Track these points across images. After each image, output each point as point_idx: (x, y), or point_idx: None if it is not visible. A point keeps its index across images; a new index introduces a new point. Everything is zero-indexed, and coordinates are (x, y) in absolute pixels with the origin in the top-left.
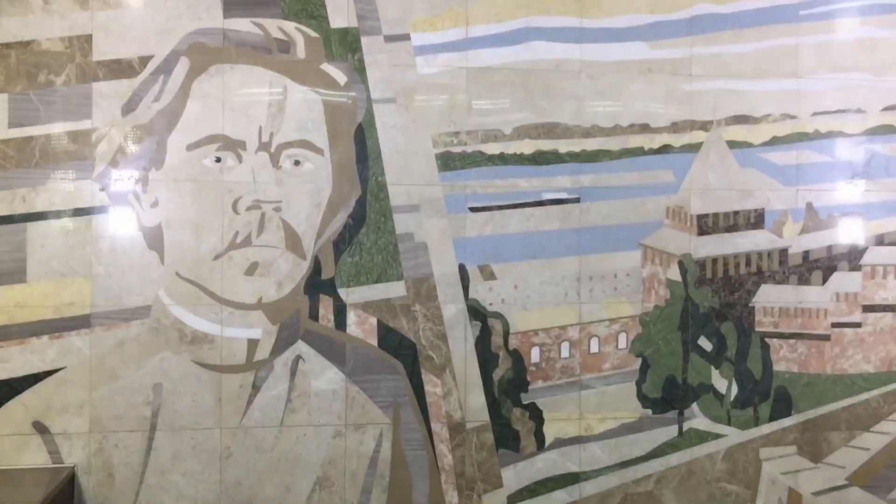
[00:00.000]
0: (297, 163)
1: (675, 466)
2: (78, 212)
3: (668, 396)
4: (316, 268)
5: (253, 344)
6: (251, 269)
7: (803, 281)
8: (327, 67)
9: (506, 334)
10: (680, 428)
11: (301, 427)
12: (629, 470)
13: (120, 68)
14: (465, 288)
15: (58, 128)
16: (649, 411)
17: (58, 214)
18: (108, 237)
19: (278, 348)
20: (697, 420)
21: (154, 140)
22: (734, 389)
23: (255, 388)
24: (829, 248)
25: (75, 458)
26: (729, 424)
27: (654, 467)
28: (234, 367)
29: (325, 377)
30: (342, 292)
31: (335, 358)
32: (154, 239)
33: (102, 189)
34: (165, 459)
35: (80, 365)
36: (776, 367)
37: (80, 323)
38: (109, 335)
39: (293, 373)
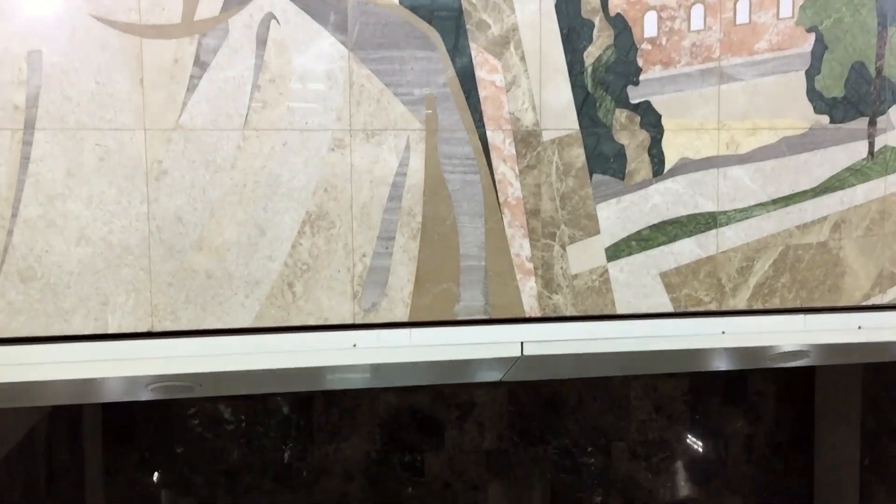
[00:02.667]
0: None
1: (862, 206)
2: None
3: (853, 96)
4: None
5: None
6: None
7: None
8: None
9: None
10: (870, 146)
11: (278, 132)
12: (792, 210)
13: None
14: None
15: None
16: (825, 118)
17: None
18: None
19: None
20: None
21: None
22: None
23: (201, 65)
24: None
25: None
26: None
27: (829, 206)
28: (164, 28)
29: (314, 51)
30: None
31: (330, 20)
32: None
33: None
34: (54, 179)
35: None
36: None
37: None
38: None
39: (262, 42)
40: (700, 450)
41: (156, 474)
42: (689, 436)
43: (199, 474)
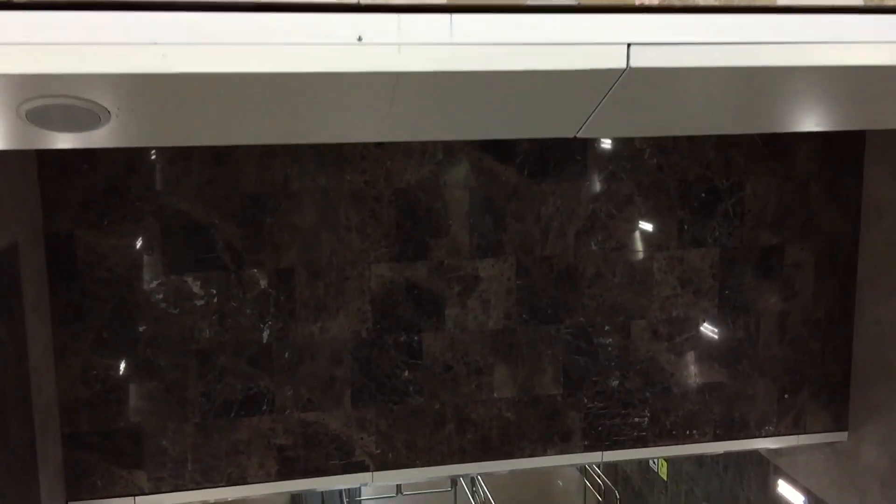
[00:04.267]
0: None
1: None
2: None
3: None
4: None
5: None
6: None
7: None
8: None
9: None
10: None
11: None
12: None
13: None
14: None
15: None
16: None
17: None
18: None
19: None
20: None
21: None
22: None
23: None
24: None
25: None
26: None
27: None
28: None
29: None
30: None
31: None
32: None
33: None
34: None
35: None
36: None
37: None
38: None
39: None
40: (728, 329)
41: (122, 364)
42: (718, 313)
43: (166, 356)
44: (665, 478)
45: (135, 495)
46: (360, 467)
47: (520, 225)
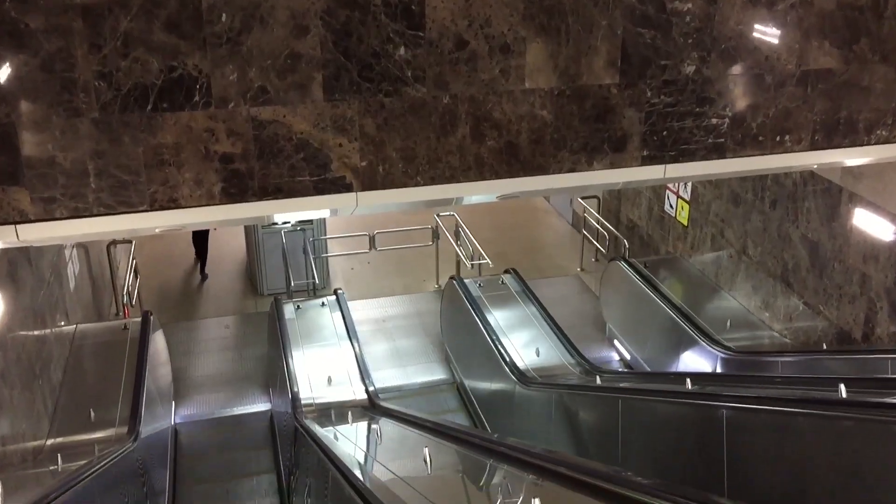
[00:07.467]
0: None
1: None
2: None
3: None
4: None
5: None
6: None
7: None
8: None
9: None
10: None
11: None
12: None
13: None
14: None
15: None
16: None
17: None
18: None
19: None
20: None
21: None
22: None
23: None
24: None
25: None
26: None
27: None
28: None
29: None
30: None
31: None
32: None
33: None
34: None
35: None
36: None
37: None
38: None
39: None
40: None
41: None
42: None
43: (37, 14)
44: (685, 223)
45: (15, 223)
46: (340, 186)
47: None
